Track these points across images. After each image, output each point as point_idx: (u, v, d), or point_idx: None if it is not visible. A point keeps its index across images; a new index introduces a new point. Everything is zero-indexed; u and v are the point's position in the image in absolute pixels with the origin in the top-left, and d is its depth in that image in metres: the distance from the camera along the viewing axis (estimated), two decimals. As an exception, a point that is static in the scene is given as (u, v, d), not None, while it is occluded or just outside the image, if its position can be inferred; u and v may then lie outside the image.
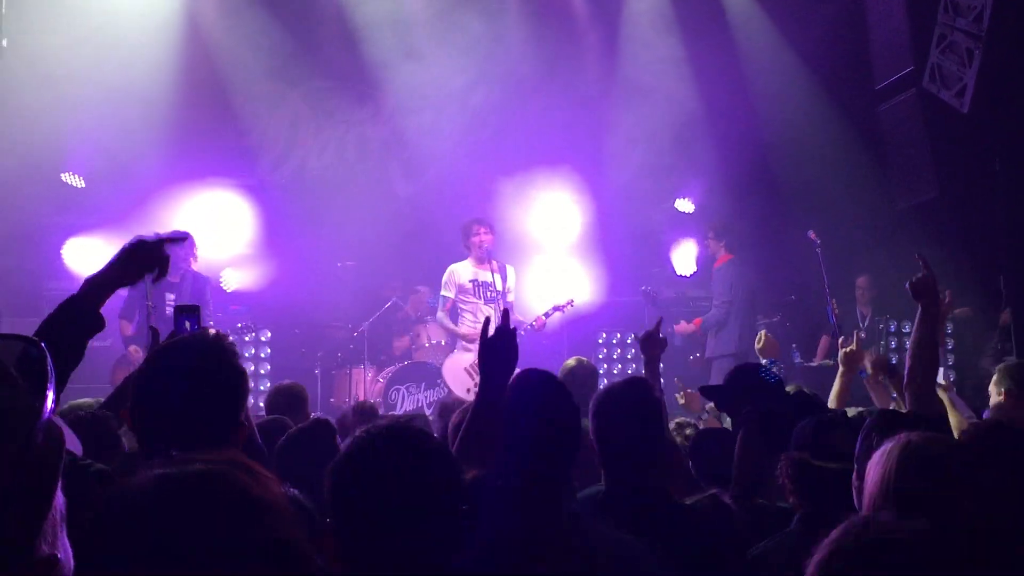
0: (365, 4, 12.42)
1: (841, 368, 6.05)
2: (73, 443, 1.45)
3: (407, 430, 2.34)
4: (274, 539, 1.47)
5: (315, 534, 2.21)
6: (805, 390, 5.16)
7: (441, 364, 10.35)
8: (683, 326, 10.89)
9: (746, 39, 12.95)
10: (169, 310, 9.58)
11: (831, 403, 5.79)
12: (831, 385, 6.05)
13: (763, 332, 7.40)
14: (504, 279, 10.10)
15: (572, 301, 10.18)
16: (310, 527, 2.56)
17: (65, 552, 1.36)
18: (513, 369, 3.35)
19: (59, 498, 1.36)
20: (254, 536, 1.46)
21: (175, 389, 2.69)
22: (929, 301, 4.45)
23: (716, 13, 13.00)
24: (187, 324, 3.25)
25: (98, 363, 10.33)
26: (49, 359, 1.38)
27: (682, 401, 7.36)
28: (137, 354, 9.36)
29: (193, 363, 2.76)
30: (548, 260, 11.68)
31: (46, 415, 1.30)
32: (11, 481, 1.26)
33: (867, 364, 6.13)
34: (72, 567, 1.38)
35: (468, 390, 9.55)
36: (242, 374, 2.82)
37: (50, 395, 1.33)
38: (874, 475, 2.62)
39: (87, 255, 10.92)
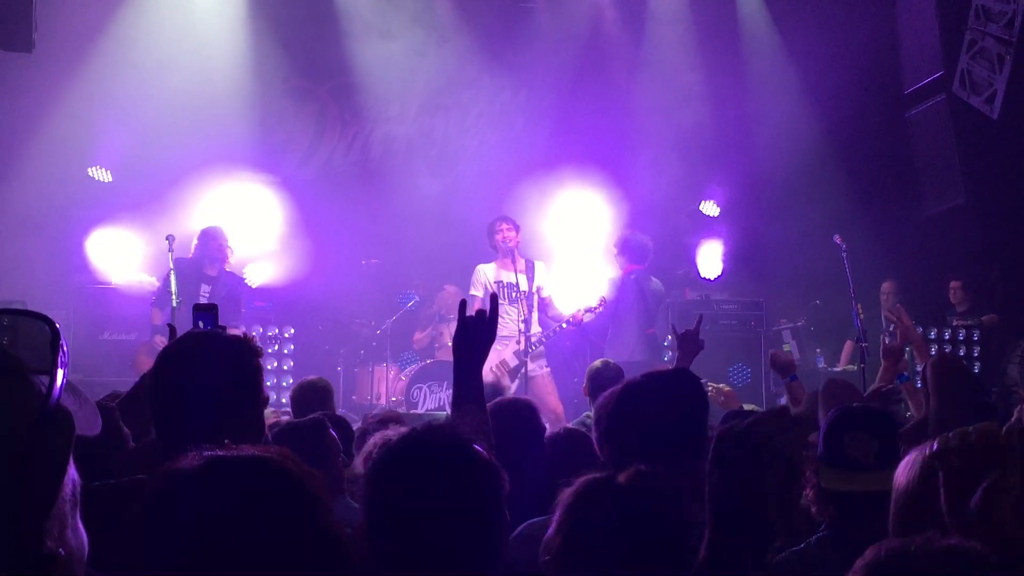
0: (393, 4, 12.45)
1: (884, 363, 6.04)
2: (91, 423, 1.42)
3: (447, 437, 2.28)
4: (317, 526, 1.48)
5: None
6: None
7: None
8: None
9: (775, 43, 12.91)
10: (204, 302, 9.67)
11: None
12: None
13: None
14: (532, 277, 10.04)
15: (604, 300, 9.89)
16: None
17: (77, 536, 1.35)
18: (484, 355, 3.31)
19: (72, 481, 1.34)
20: (299, 521, 1.47)
21: (202, 382, 2.70)
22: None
23: (742, 17, 13.00)
24: (200, 323, 3.25)
25: (122, 356, 10.39)
26: (63, 337, 1.36)
27: (721, 399, 7.20)
28: (163, 343, 9.37)
29: (218, 357, 2.78)
30: (572, 261, 11.65)
31: (53, 400, 1.27)
32: (12, 477, 1.23)
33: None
34: (86, 551, 1.37)
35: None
36: (260, 371, 2.84)
37: (59, 378, 1.30)
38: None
39: (111, 248, 10.98)
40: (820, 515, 3.38)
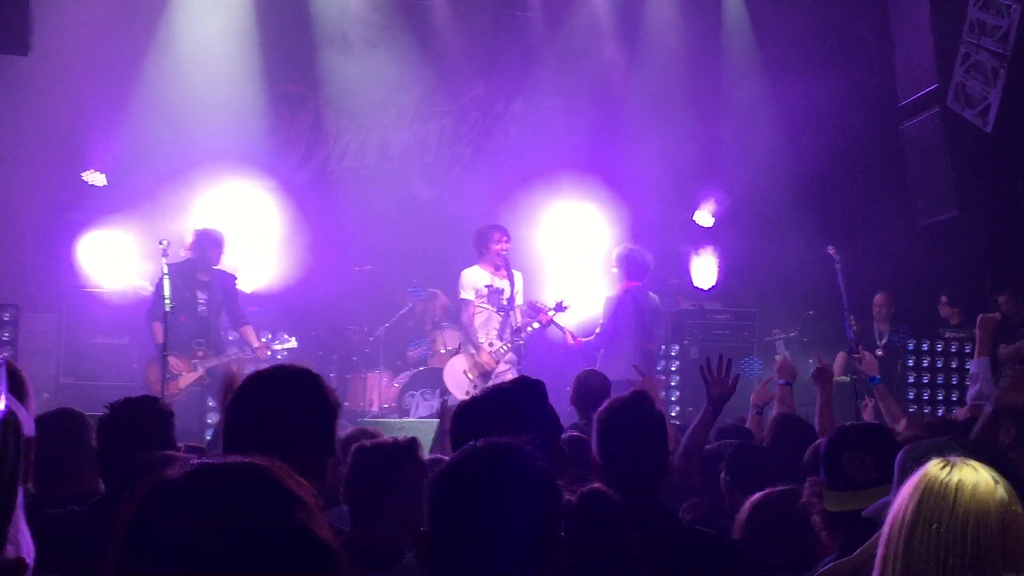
0: (390, 10, 12.47)
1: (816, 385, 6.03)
2: (28, 423, 1.41)
3: (511, 451, 2.24)
4: (305, 534, 1.48)
5: None
6: None
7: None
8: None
9: (769, 55, 12.95)
10: (202, 309, 9.64)
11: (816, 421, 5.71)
12: (848, 401, 6.02)
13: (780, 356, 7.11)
14: (512, 285, 10.07)
15: (561, 303, 9.79)
16: None
17: (27, 540, 1.35)
18: None
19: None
20: (285, 529, 1.47)
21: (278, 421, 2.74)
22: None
23: (732, 30, 13.07)
24: None
25: (115, 360, 10.37)
26: None
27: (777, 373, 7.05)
28: (178, 365, 9.36)
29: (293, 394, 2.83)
30: (565, 270, 11.64)
31: (8, 403, 1.25)
32: None
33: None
34: (33, 556, 1.36)
35: (467, 392, 9.42)
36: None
37: (4, 391, 1.28)
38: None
39: (104, 251, 10.94)
40: (831, 540, 3.33)
